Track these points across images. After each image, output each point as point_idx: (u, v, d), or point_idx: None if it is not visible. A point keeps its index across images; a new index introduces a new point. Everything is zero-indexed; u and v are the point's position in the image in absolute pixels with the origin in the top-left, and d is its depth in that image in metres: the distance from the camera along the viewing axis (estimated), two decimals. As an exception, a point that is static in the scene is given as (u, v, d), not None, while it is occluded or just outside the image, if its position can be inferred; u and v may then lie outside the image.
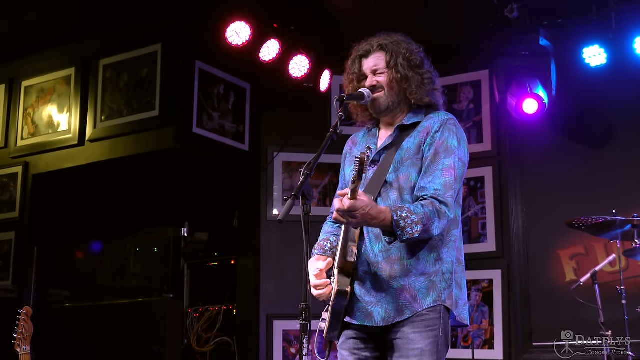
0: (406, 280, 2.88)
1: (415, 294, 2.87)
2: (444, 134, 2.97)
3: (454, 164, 2.92)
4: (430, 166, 2.91)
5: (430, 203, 2.82)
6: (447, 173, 2.90)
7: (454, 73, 6.40)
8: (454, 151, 2.95)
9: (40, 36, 6.30)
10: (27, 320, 3.90)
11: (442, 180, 2.88)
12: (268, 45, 5.81)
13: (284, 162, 6.44)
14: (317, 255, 3.09)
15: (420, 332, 2.85)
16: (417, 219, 2.75)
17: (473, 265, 6.07)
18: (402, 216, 2.75)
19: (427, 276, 2.90)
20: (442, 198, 2.84)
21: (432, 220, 2.79)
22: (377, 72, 3.09)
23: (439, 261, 2.92)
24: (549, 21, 5.56)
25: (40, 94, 6.56)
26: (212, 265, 6.57)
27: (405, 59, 3.08)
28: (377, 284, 2.90)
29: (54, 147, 6.35)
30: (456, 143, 2.97)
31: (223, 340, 6.22)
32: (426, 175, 2.90)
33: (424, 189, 2.88)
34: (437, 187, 2.86)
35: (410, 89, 3.06)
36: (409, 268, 2.88)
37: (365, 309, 2.91)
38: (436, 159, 2.92)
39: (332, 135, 2.86)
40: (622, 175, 5.70)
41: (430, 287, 2.89)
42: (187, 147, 5.90)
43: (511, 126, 6.13)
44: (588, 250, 5.76)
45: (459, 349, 5.99)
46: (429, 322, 2.87)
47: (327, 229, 3.27)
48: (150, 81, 5.89)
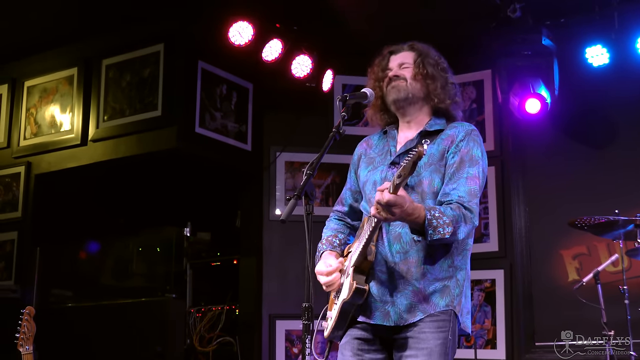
0: (422, 283, 2.90)
1: (429, 297, 2.89)
2: (469, 143, 3.01)
3: (478, 174, 2.96)
4: (455, 173, 2.94)
5: (457, 207, 2.84)
6: (471, 181, 2.93)
7: (456, 73, 6.21)
8: (478, 161, 2.99)
9: (42, 36, 6.30)
10: (30, 320, 3.90)
11: (467, 188, 2.91)
12: (270, 45, 5.81)
13: (286, 162, 6.44)
14: (329, 251, 3.11)
15: (431, 332, 2.86)
16: (449, 221, 2.78)
17: (475, 265, 6.00)
18: (435, 215, 2.76)
19: (441, 281, 2.92)
20: (468, 204, 2.87)
21: (460, 223, 2.82)
22: (403, 65, 3.13)
23: (452, 268, 2.95)
24: (552, 21, 5.56)
25: (43, 94, 6.57)
26: (215, 265, 6.57)
27: (434, 60, 3.17)
28: (393, 285, 2.91)
29: (57, 147, 6.35)
30: (480, 154, 3.02)
31: (225, 340, 6.22)
32: (451, 182, 2.93)
33: (448, 195, 2.91)
34: (462, 194, 2.89)
35: (435, 88, 3.13)
36: (424, 272, 2.90)
37: (383, 309, 2.91)
38: (461, 167, 2.95)
39: (335, 135, 2.86)
40: (625, 175, 5.70)
41: (444, 291, 2.92)
42: (189, 147, 5.90)
43: (514, 126, 6.12)
44: (591, 250, 5.76)
45: (462, 349, 5.99)
46: (439, 324, 2.88)
47: (333, 225, 3.27)
48: (153, 81, 5.89)
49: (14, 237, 6.48)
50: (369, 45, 6.07)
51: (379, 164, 3.13)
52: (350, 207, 3.28)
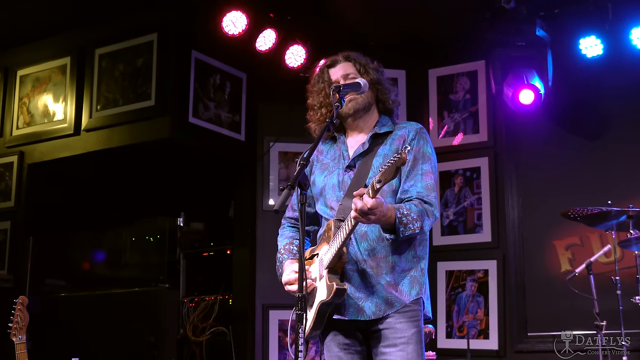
0: (391, 276, 3.05)
1: (401, 288, 3.04)
2: (419, 141, 3.18)
3: (431, 169, 3.15)
4: (411, 171, 3.11)
5: (419, 202, 3.02)
6: (426, 177, 3.12)
7: (450, 63, 6.40)
8: (430, 157, 3.18)
9: (35, 25, 6.27)
10: (23, 309, 3.90)
11: (424, 184, 3.09)
12: (264, 34, 5.80)
13: (280, 152, 6.43)
14: (290, 260, 3.21)
15: (406, 322, 3.01)
16: (416, 216, 2.95)
17: (469, 256, 6.11)
18: (404, 213, 2.93)
19: (407, 272, 3.08)
20: (427, 199, 3.06)
21: (424, 217, 3.00)
22: (349, 76, 3.23)
23: (416, 258, 3.12)
24: (546, 12, 5.55)
25: (36, 83, 6.54)
26: (208, 255, 6.57)
27: (373, 65, 3.31)
28: (365, 281, 3.04)
29: (50, 137, 6.33)
30: (430, 150, 3.21)
31: (219, 330, 6.23)
32: (408, 180, 3.10)
33: (407, 192, 3.08)
34: (420, 189, 3.07)
35: (382, 91, 3.28)
36: (392, 265, 3.05)
37: (357, 305, 3.04)
38: (415, 164, 3.12)
39: (329, 125, 2.94)
40: (618, 166, 5.71)
41: (412, 281, 3.08)
42: (183, 137, 5.89)
43: (507, 117, 6.13)
44: (583, 241, 5.77)
45: (455, 339, 6.02)
46: (412, 314, 3.04)
47: (288, 233, 3.40)
48: (146, 71, 5.88)
49: (6, 227, 6.47)
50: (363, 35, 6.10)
51: (334, 168, 3.24)
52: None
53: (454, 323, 6.07)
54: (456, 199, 6.23)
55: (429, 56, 6.45)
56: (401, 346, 2.97)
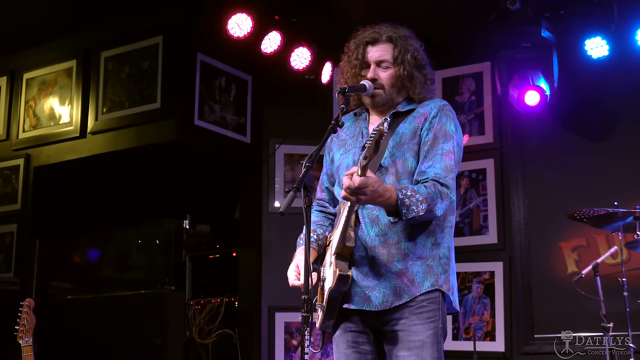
0: (403, 264, 2.89)
1: (413, 278, 2.89)
2: (442, 119, 3.00)
3: (452, 149, 2.96)
4: (430, 151, 2.94)
5: (432, 184, 2.84)
6: (446, 157, 2.93)
7: (455, 65, 6.39)
8: (452, 136, 2.99)
9: (41, 28, 6.29)
10: (29, 312, 3.90)
11: (442, 165, 2.91)
12: (269, 37, 5.80)
13: (285, 154, 6.43)
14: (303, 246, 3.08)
15: (421, 324, 2.86)
16: (422, 198, 2.77)
17: (475, 257, 6.09)
18: (407, 194, 2.75)
19: (424, 260, 2.91)
20: (444, 180, 2.87)
21: (435, 200, 2.81)
22: (383, 64, 3.06)
23: (436, 245, 2.94)
24: (551, 13, 5.54)
25: (42, 86, 6.56)
26: (214, 258, 6.58)
27: (413, 57, 3.07)
28: (374, 268, 2.90)
29: (56, 140, 6.35)
30: (453, 128, 3.01)
31: (225, 332, 6.23)
32: (426, 160, 2.93)
33: (424, 173, 2.90)
34: (438, 170, 2.89)
35: (413, 88, 3.07)
36: (406, 252, 2.89)
37: (363, 293, 2.91)
38: (435, 143, 2.95)
39: (334, 127, 2.85)
40: (624, 167, 5.69)
41: (427, 271, 2.90)
42: (188, 140, 5.90)
43: (513, 118, 6.11)
44: (590, 242, 5.76)
45: (461, 340, 6.00)
46: (429, 314, 2.88)
47: (314, 218, 3.23)
48: (152, 73, 5.89)
49: (13, 230, 6.48)
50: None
51: (350, 146, 3.12)
52: (328, 191, 3.28)
53: (460, 325, 6.05)
54: (462, 200, 6.22)
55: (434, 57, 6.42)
56: (416, 350, 2.85)
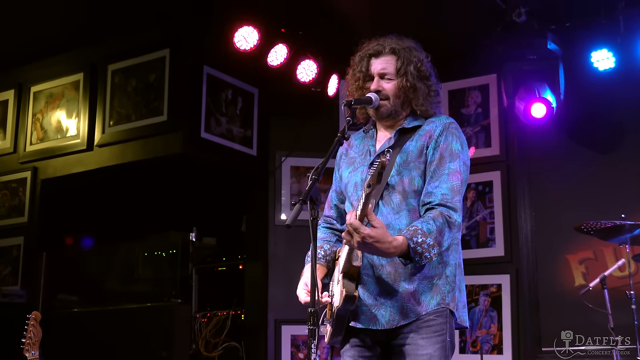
0: (410, 284, 2.87)
1: (419, 297, 2.87)
2: (447, 138, 2.98)
3: (459, 168, 2.93)
4: (437, 171, 2.92)
5: (439, 214, 2.81)
6: (453, 177, 2.90)
7: (462, 77, 6.39)
8: (458, 155, 2.96)
9: (48, 42, 6.32)
10: (36, 325, 3.90)
11: (449, 185, 2.88)
12: (276, 50, 5.82)
13: (291, 167, 6.44)
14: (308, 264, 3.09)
15: (429, 338, 2.84)
16: (433, 242, 2.76)
17: (481, 270, 6.07)
18: (418, 242, 2.74)
19: (430, 279, 2.89)
20: (451, 203, 2.85)
21: (444, 233, 2.80)
22: (386, 76, 3.05)
23: (442, 264, 2.92)
24: (557, 25, 5.55)
25: (49, 99, 6.59)
26: (220, 270, 6.57)
27: (416, 69, 3.05)
28: (381, 287, 2.89)
29: (63, 152, 6.37)
30: (459, 147, 2.98)
31: (231, 345, 6.22)
32: (433, 180, 2.90)
33: (431, 194, 2.88)
34: (445, 191, 2.86)
35: (417, 100, 3.05)
36: (412, 271, 2.87)
37: (370, 312, 2.90)
38: (442, 163, 2.92)
39: (340, 140, 2.84)
40: (631, 179, 5.68)
41: (434, 290, 2.89)
42: (195, 152, 5.91)
43: (519, 130, 6.11)
44: (597, 255, 5.74)
45: (468, 354, 5.98)
46: (436, 327, 2.86)
47: (321, 234, 3.23)
48: (159, 86, 5.91)
49: (20, 242, 6.50)
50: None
51: (359, 164, 3.12)
52: (336, 208, 3.29)
53: (467, 338, 6.03)
54: (468, 213, 6.21)
55: (440, 70, 6.43)
56: None
